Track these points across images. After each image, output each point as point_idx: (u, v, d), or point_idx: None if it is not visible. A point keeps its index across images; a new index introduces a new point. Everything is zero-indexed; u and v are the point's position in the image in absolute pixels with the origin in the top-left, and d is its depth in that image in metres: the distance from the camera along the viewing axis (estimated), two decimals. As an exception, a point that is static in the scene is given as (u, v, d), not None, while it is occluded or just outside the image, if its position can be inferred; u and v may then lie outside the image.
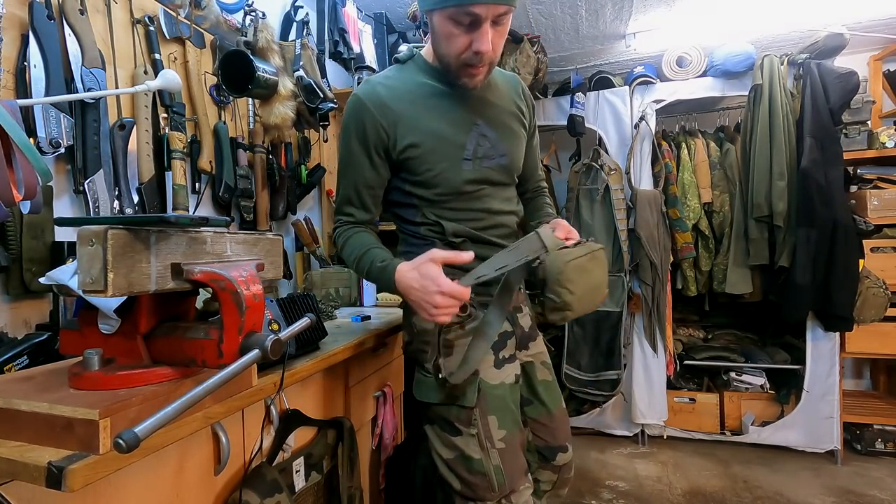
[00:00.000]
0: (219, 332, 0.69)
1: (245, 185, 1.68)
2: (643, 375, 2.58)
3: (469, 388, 0.98)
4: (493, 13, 0.87)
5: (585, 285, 0.93)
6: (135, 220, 0.76)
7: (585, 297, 0.94)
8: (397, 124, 1.00)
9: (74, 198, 1.19)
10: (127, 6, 1.33)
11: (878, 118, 2.76)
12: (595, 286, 0.97)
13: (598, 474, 2.32)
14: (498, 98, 1.09)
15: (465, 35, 0.90)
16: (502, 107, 1.09)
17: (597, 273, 0.97)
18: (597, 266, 0.97)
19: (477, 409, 0.98)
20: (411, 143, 1.00)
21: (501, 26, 0.91)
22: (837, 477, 2.25)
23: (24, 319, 1.07)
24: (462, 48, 0.91)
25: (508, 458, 0.98)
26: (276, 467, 0.95)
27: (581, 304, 0.93)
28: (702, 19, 2.44)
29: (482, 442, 0.97)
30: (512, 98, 1.13)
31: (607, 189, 2.56)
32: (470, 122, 1.03)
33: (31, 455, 0.57)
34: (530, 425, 1.14)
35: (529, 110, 1.17)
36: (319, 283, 1.93)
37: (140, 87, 0.98)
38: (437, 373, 0.98)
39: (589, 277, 0.94)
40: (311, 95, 1.67)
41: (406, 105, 1.01)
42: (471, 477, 0.97)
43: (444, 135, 1.01)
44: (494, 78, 1.10)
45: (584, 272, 0.93)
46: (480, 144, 1.04)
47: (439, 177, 1.02)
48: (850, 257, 2.23)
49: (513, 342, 1.09)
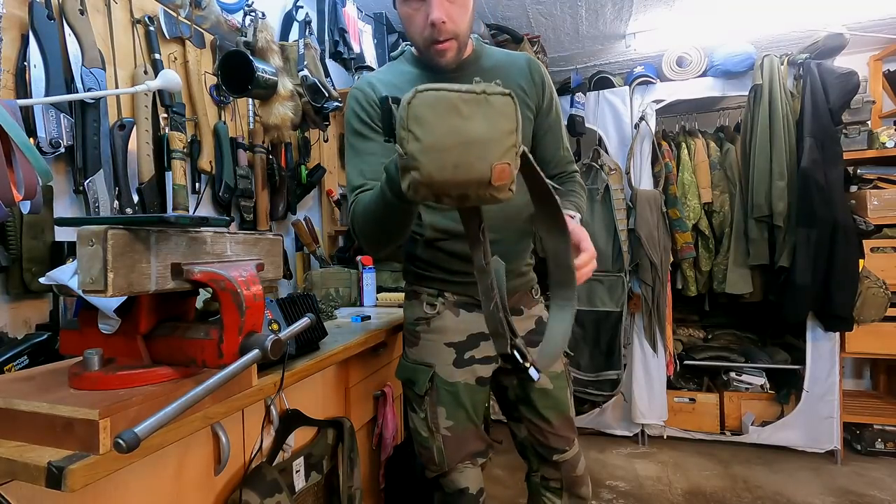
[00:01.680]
0: (219, 333, 0.69)
1: (245, 185, 1.68)
2: (643, 375, 2.58)
3: (421, 378, 1.09)
4: None
5: (446, 134, 0.58)
6: (135, 220, 0.76)
7: (445, 153, 0.58)
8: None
9: (74, 198, 1.19)
10: (127, 6, 1.33)
11: (878, 118, 2.76)
12: (466, 141, 0.58)
13: (598, 474, 2.32)
14: (495, 79, 1.04)
15: (421, 13, 0.93)
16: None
17: (476, 124, 0.59)
18: (480, 115, 0.59)
19: (427, 398, 1.09)
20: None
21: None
22: (837, 477, 2.25)
23: (24, 319, 1.07)
24: (422, 25, 0.94)
25: (450, 445, 1.08)
26: (276, 467, 0.95)
27: (434, 162, 0.57)
28: (702, 19, 2.44)
29: (429, 425, 1.09)
30: (516, 78, 1.07)
31: (607, 189, 2.56)
32: None
33: (31, 455, 0.57)
34: (525, 423, 1.14)
35: (539, 89, 1.10)
36: (319, 283, 1.93)
37: (140, 87, 0.98)
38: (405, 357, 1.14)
39: (455, 124, 0.58)
40: (317, 95, 1.67)
41: (395, 92, 0.99)
42: (420, 448, 1.12)
43: None
44: (494, 60, 1.07)
45: (447, 114, 0.58)
46: None
47: None
48: (850, 257, 2.23)
49: (489, 345, 1.08)
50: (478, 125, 0.59)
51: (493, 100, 0.60)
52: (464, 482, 1.09)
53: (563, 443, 1.13)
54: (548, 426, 1.12)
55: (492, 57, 1.09)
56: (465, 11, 0.94)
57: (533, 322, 1.15)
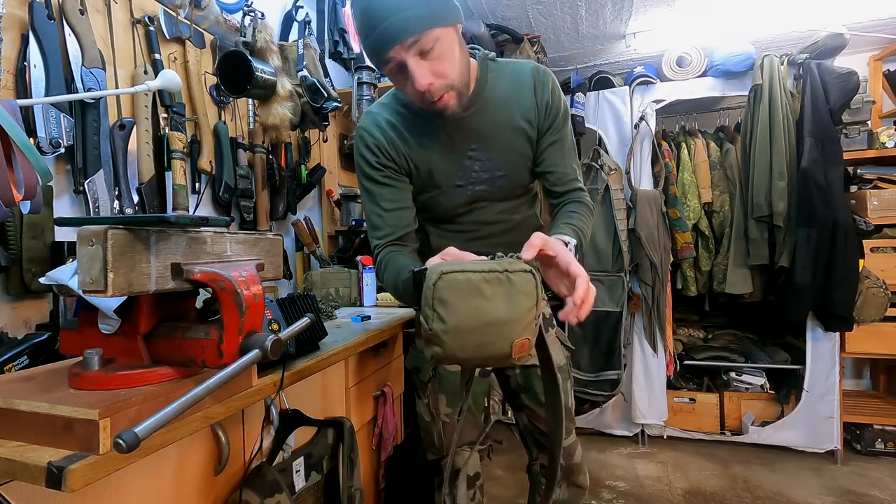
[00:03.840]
0: (219, 333, 0.69)
1: (245, 185, 1.68)
2: (643, 375, 2.58)
3: (425, 366, 1.14)
4: (406, 50, 0.82)
5: (470, 316, 0.61)
6: (135, 220, 0.76)
7: (468, 335, 0.61)
8: (398, 149, 1.03)
9: (74, 198, 1.19)
10: (127, 6, 1.33)
11: (878, 118, 2.76)
12: (489, 322, 0.62)
13: (598, 474, 2.32)
14: (500, 114, 1.01)
15: (409, 82, 0.87)
16: (504, 124, 1.01)
17: (498, 305, 0.62)
18: (501, 294, 0.62)
19: (430, 385, 1.14)
20: (409, 171, 1.04)
21: (432, 53, 0.84)
22: (837, 477, 2.25)
23: (24, 319, 1.07)
24: (413, 92, 0.89)
25: (448, 431, 1.15)
26: (276, 467, 0.95)
27: (458, 343, 0.62)
28: (702, 19, 2.44)
29: (430, 411, 1.15)
30: (519, 106, 1.02)
31: (607, 189, 2.56)
32: (465, 147, 1.02)
33: (31, 455, 0.57)
34: (526, 412, 1.18)
35: (543, 107, 1.03)
36: (319, 283, 1.93)
37: (140, 87, 0.98)
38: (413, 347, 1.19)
39: (478, 305, 0.61)
40: (316, 95, 1.67)
41: (404, 135, 1.02)
42: (423, 432, 1.19)
43: (435, 164, 1.03)
44: (500, 90, 1.01)
45: (470, 296, 0.61)
46: (475, 170, 1.03)
47: (433, 201, 1.07)
48: (850, 257, 2.23)
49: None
50: (499, 306, 0.62)
51: (514, 278, 0.63)
52: (460, 464, 1.15)
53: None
54: (543, 412, 1.15)
55: (497, 86, 1.01)
56: (450, 61, 0.87)
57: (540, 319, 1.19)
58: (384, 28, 0.81)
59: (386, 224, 1.01)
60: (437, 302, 0.61)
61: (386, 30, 0.81)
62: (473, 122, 1.00)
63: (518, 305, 0.63)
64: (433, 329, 0.62)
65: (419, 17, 0.81)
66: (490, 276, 0.62)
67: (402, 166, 1.03)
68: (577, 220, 0.97)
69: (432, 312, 0.61)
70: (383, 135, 1.02)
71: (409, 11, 0.80)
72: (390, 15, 0.80)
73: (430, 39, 0.83)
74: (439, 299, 0.61)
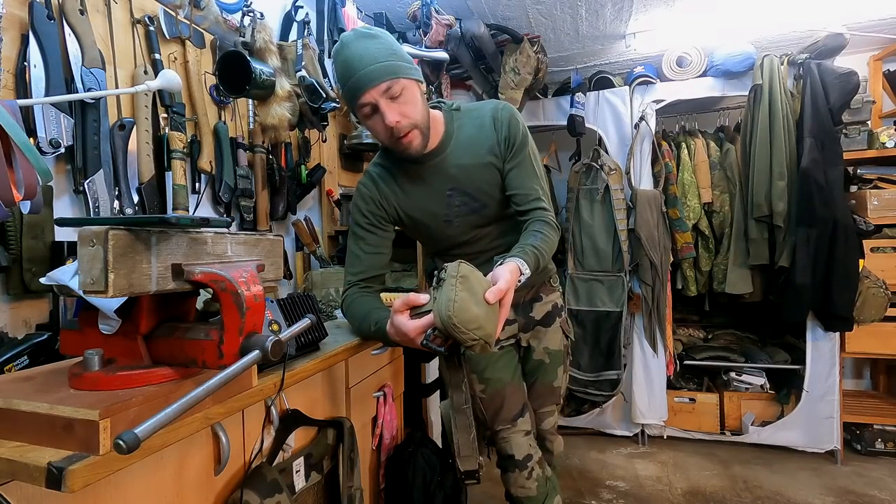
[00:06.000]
0: (219, 333, 0.69)
1: (245, 185, 1.68)
2: (643, 375, 2.58)
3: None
4: (379, 94, 1.00)
5: (477, 306, 0.86)
6: (135, 220, 0.76)
7: (489, 313, 0.88)
8: (388, 199, 1.20)
9: (74, 198, 1.19)
10: (127, 6, 1.33)
11: (878, 118, 2.76)
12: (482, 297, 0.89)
13: (598, 474, 2.32)
14: (468, 155, 1.16)
15: (378, 120, 1.04)
16: (472, 164, 1.16)
17: (476, 287, 0.88)
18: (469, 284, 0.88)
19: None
20: (399, 218, 1.22)
21: (400, 98, 1.02)
22: (837, 477, 2.25)
23: (24, 319, 1.07)
24: (383, 131, 1.05)
25: (487, 404, 1.27)
26: (277, 467, 0.95)
27: (491, 322, 0.88)
28: (702, 19, 2.44)
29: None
30: (484, 144, 1.16)
31: (607, 189, 2.56)
32: (443, 189, 1.18)
33: (31, 455, 0.57)
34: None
35: (503, 140, 1.16)
36: (319, 284, 1.93)
37: (140, 87, 0.98)
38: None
39: (475, 296, 0.87)
40: (314, 95, 1.67)
41: (394, 186, 1.20)
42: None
43: (422, 208, 1.20)
44: (463, 131, 1.17)
45: (468, 299, 0.86)
46: (457, 205, 1.19)
47: (429, 237, 1.28)
48: (850, 257, 2.23)
49: (512, 328, 1.33)
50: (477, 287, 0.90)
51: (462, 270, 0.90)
52: (510, 450, 1.27)
53: (541, 404, 1.37)
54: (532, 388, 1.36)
55: (463, 130, 1.17)
56: (413, 105, 1.04)
57: (549, 306, 1.35)
58: (361, 75, 0.99)
59: (362, 263, 1.19)
60: (462, 322, 0.84)
61: (363, 76, 0.99)
62: (447, 164, 1.16)
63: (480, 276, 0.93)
64: (477, 336, 0.85)
65: (390, 68, 1.00)
66: (459, 282, 0.87)
67: (392, 215, 1.21)
68: (540, 241, 1.08)
69: (465, 332, 0.85)
70: (377, 188, 1.20)
71: (382, 63, 0.99)
72: (367, 65, 0.99)
73: (399, 87, 1.01)
74: (463, 321, 0.84)
